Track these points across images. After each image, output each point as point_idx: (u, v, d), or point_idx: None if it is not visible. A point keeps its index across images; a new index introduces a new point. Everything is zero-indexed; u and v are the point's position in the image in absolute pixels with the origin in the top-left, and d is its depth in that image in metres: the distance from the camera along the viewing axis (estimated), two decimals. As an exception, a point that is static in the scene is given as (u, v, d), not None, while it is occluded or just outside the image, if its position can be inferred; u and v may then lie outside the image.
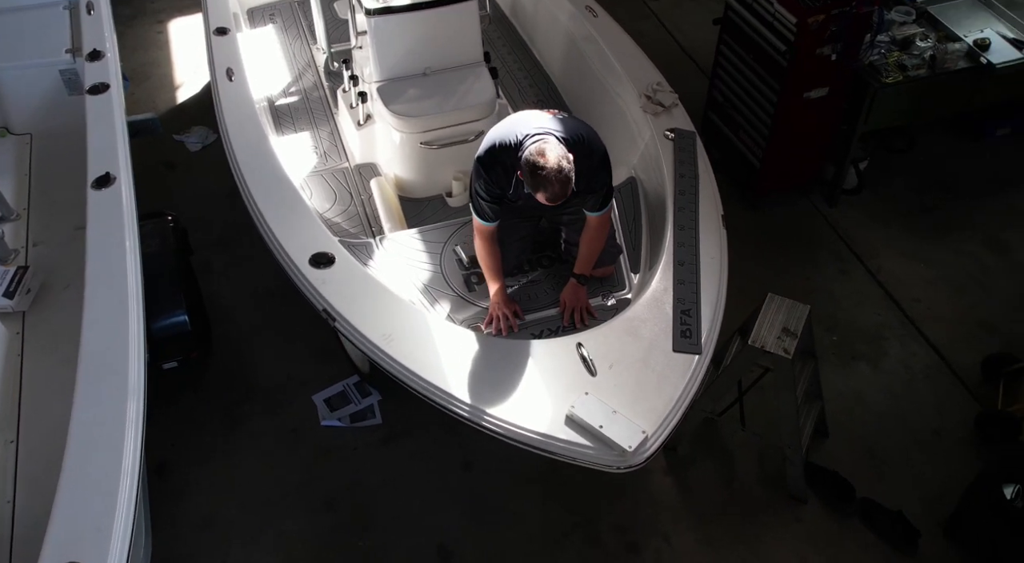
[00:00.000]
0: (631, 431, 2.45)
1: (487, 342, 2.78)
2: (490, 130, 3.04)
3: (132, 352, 2.51)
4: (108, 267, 2.75)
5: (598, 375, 2.62)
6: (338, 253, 3.02)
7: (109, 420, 2.33)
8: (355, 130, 4.09)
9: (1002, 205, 4.90)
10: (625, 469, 2.49)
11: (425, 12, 3.77)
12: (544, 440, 2.49)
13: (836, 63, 4.16)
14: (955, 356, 4.16)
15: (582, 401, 2.53)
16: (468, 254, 3.32)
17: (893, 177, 5.02)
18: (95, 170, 3.10)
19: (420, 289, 3.19)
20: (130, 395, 2.39)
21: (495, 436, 2.56)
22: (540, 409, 2.56)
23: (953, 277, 4.53)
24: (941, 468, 3.76)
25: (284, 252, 3.04)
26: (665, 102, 3.57)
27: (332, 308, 2.86)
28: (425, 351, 2.72)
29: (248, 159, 3.41)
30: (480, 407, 2.56)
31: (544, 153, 2.67)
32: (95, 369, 2.46)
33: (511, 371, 2.66)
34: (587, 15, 4.22)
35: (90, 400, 2.38)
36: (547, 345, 2.74)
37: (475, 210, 3.04)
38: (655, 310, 2.82)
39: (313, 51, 4.89)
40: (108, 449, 2.26)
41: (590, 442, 2.46)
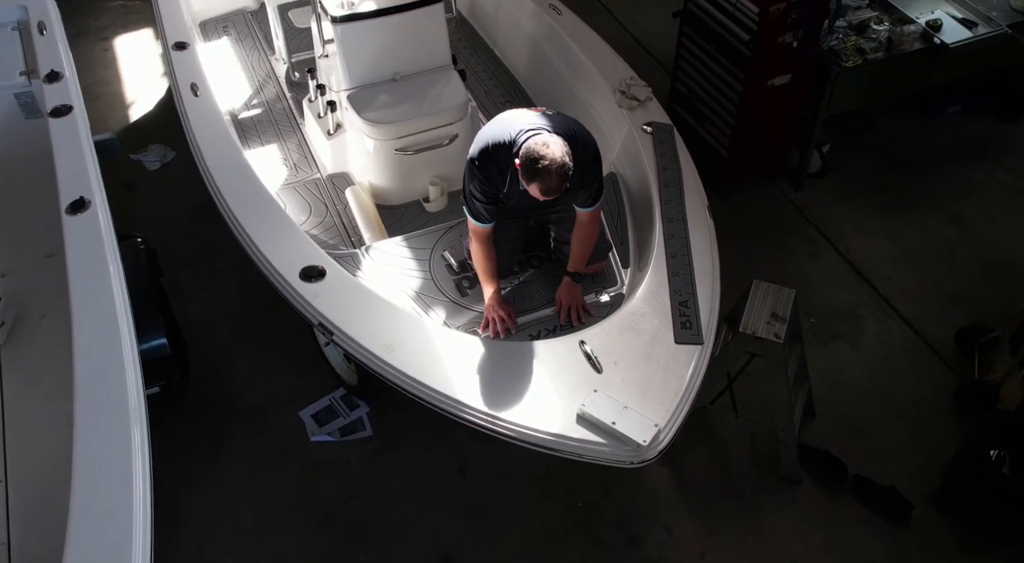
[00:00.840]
0: (643, 425, 2.46)
1: (490, 346, 2.76)
2: (480, 131, 3.02)
3: (129, 377, 2.43)
4: (94, 293, 2.66)
5: (604, 372, 2.63)
6: (328, 265, 2.97)
7: (114, 449, 2.26)
8: (325, 140, 4.03)
9: (957, 180, 5.04)
10: (638, 464, 2.50)
11: (392, 17, 3.74)
12: (558, 440, 2.49)
13: (797, 50, 4.23)
14: (929, 329, 4.26)
15: (592, 399, 2.52)
16: (457, 259, 3.30)
17: (853, 159, 5.13)
18: (68, 195, 3.00)
19: (412, 297, 3.16)
20: (132, 421, 2.32)
21: (507, 440, 2.54)
22: (550, 410, 2.55)
23: (918, 253, 4.65)
24: (925, 439, 3.85)
25: (272, 268, 2.98)
26: (640, 96, 3.59)
27: (328, 322, 2.81)
28: (428, 359, 2.69)
29: (225, 175, 3.33)
30: (490, 412, 2.54)
31: (548, 145, 2.67)
32: (93, 398, 2.37)
33: (517, 373, 2.65)
34: (551, 13, 4.22)
35: (91, 431, 2.30)
36: (550, 345, 2.74)
37: (470, 212, 3.02)
38: (653, 303, 2.83)
39: (272, 62, 4.81)
40: (116, 480, 2.18)
41: (604, 439, 2.46)
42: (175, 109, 5.47)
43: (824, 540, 3.56)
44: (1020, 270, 4.51)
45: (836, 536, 3.57)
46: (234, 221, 3.17)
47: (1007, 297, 4.35)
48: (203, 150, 3.45)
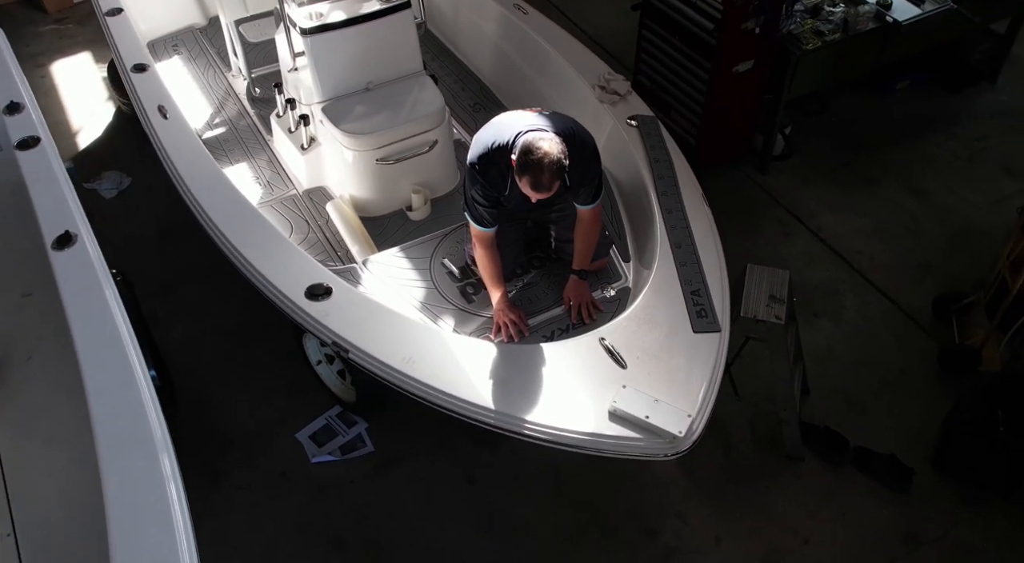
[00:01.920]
0: (677, 416, 2.47)
1: (510, 350, 2.74)
2: (477, 135, 3.00)
3: (149, 410, 2.34)
4: (98, 328, 2.55)
5: (629, 367, 2.63)
6: (333, 282, 2.91)
7: (147, 489, 2.17)
8: (299, 155, 3.95)
9: (912, 153, 5.20)
10: (673, 455, 2.51)
11: (362, 26, 3.69)
12: (593, 439, 2.48)
13: (759, 36, 4.31)
14: (905, 299, 4.39)
15: (622, 394, 2.53)
16: (458, 265, 3.26)
17: (813, 139, 5.25)
18: (51, 230, 2.87)
19: (418, 308, 3.11)
20: (160, 453, 2.23)
21: (542, 444, 2.52)
22: (581, 409, 2.55)
23: (885, 226, 4.78)
24: (915, 405, 3.97)
25: (276, 290, 2.90)
26: (620, 90, 3.61)
27: (343, 340, 2.75)
28: (450, 368, 2.65)
29: (211, 199, 3.24)
30: (520, 417, 2.52)
31: (542, 140, 2.67)
32: (115, 438, 2.27)
33: (542, 376, 2.64)
34: (517, 13, 4.21)
35: (120, 473, 2.20)
36: (571, 344, 2.73)
37: (473, 217, 2.99)
38: (665, 295, 2.85)
39: (229, 79, 4.69)
40: (156, 520, 2.09)
41: (639, 434, 2.47)
42: (126, 134, 5.37)
43: (832, 513, 3.63)
44: (982, 236, 4.68)
45: (843, 508, 3.64)
46: (228, 245, 3.08)
47: (974, 262, 4.51)
48: (183, 174, 3.35)
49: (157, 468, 2.21)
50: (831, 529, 3.58)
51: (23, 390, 3.00)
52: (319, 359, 3.85)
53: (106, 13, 4.34)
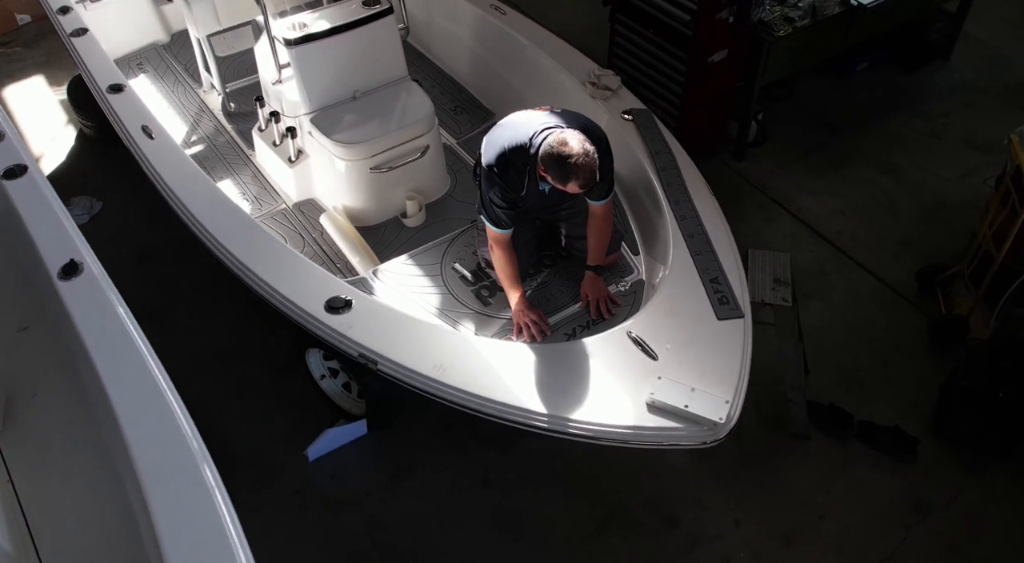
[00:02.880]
0: (715, 403, 2.50)
1: (540, 351, 2.74)
2: (489, 137, 2.99)
3: (187, 434, 2.29)
4: (122, 358, 2.48)
5: (660, 358, 2.65)
6: (351, 294, 2.87)
7: (200, 521, 2.11)
8: (286, 168, 3.89)
9: (880, 132, 5.34)
10: (712, 442, 2.53)
11: (346, 34, 3.65)
12: (634, 433, 2.49)
13: (733, 25, 4.37)
14: (889, 275, 4.50)
15: (658, 386, 2.54)
16: (469, 269, 3.25)
17: (783, 125, 5.35)
18: (54, 260, 2.77)
19: (435, 314, 3.09)
20: (210, 488, 2.18)
21: (583, 440, 2.53)
22: (618, 403, 2.56)
23: (862, 205, 4.90)
24: (911, 377, 4.07)
25: (295, 306, 2.85)
26: (611, 85, 3.63)
27: (370, 351, 2.71)
28: (483, 372, 2.64)
29: (212, 217, 3.17)
30: (561, 416, 2.52)
31: (567, 142, 2.67)
32: (159, 470, 2.21)
33: (575, 373, 2.64)
34: (496, 14, 4.21)
35: (171, 508, 2.14)
36: (600, 340, 2.74)
37: (491, 220, 2.97)
38: (685, 285, 2.88)
39: (201, 95, 4.59)
40: (216, 553, 2.05)
41: (680, 424, 2.49)
42: (92, 158, 5.22)
43: (843, 488, 3.71)
44: (956, 209, 4.83)
45: (853, 482, 3.72)
46: (237, 264, 3.02)
47: (950, 235, 4.66)
48: (180, 195, 3.26)
49: (211, 503, 2.16)
50: (844, 503, 3.65)
51: (33, 427, 2.90)
52: (322, 374, 3.80)
53: (71, 34, 4.21)
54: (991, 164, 5.08)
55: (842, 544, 3.52)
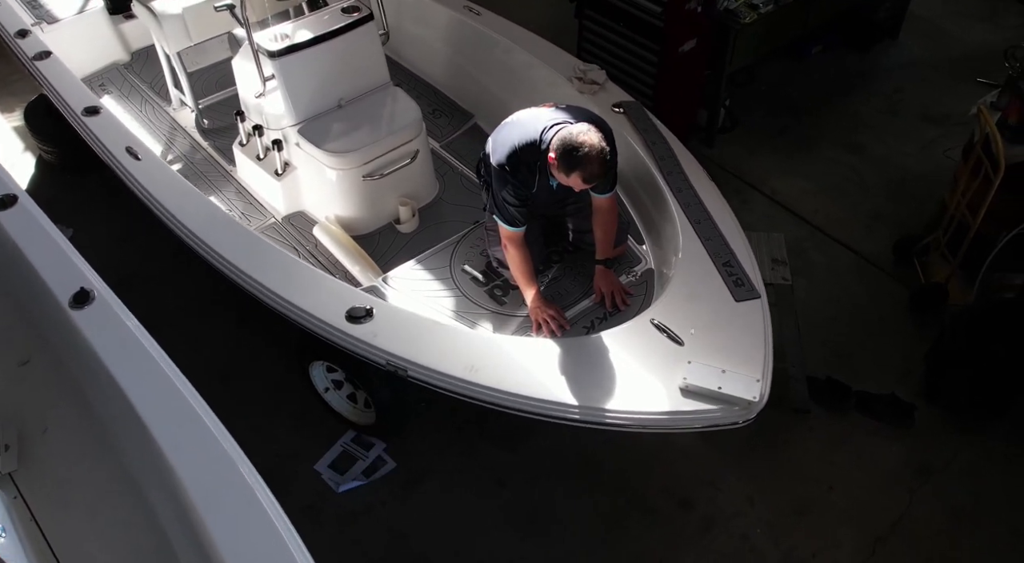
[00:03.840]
0: (747, 383, 2.55)
1: (567, 345, 2.76)
2: (496, 137, 3.00)
3: (236, 456, 2.26)
4: (152, 383, 2.42)
5: (685, 343, 2.70)
6: (371, 302, 2.85)
7: (259, 538, 2.09)
8: (273, 181, 3.84)
9: (841, 111, 5.51)
10: (744, 423, 2.59)
11: (329, 43, 3.61)
12: (671, 418, 2.54)
13: (701, 15, 4.46)
14: (866, 249, 4.65)
15: (689, 370, 2.59)
16: (479, 270, 3.25)
17: (747, 110, 5.47)
18: (63, 290, 2.70)
19: (452, 317, 3.09)
20: (269, 510, 2.16)
21: (620, 430, 2.56)
22: (652, 390, 2.60)
23: (832, 183, 5.04)
24: (898, 345, 4.21)
25: (316, 319, 2.82)
26: (598, 80, 3.67)
27: (399, 358, 2.70)
28: (515, 371, 2.65)
29: (216, 235, 3.11)
30: (597, 407, 2.55)
31: (584, 133, 2.70)
32: (213, 499, 2.17)
33: (605, 365, 2.67)
34: (471, 15, 4.22)
35: (230, 528, 2.11)
36: (625, 330, 2.77)
37: (505, 219, 2.98)
38: (699, 271, 2.93)
39: (171, 113, 4.50)
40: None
41: (715, 406, 2.54)
42: (55, 184, 5.07)
43: (847, 458, 3.82)
44: (920, 181, 5.00)
45: (856, 451, 3.84)
46: (248, 280, 2.97)
47: (918, 206, 4.82)
48: (177, 214, 3.20)
49: (272, 528, 2.14)
50: (850, 472, 3.76)
51: (49, 464, 2.83)
52: (326, 386, 3.76)
53: (33, 58, 4.09)
54: (948, 136, 5.29)
55: (852, 512, 3.63)
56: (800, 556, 3.51)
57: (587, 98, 3.65)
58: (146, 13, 4.03)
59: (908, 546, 3.51)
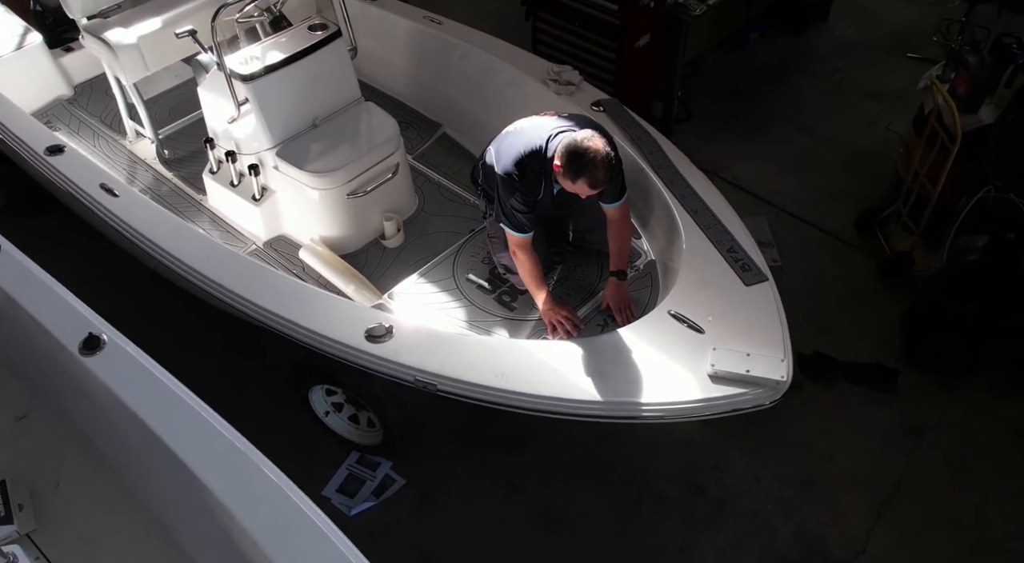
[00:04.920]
0: (773, 364, 2.63)
1: (590, 344, 2.78)
2: (499, 146, 3.00)
3: (293, 493, 2.21)
4: (187, 422, 2.35)
5: (706, 331, 2.75)
6: (388, 320, 2.82)
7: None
8: (251, 207, 3.75)
9: (787, 94, 5.69)
10: (771, 403, 2.66)
11: (300, 62, 3.56)
12: (705, 404, 2.59)
13: (653, 10, 4.55)
14: (830, 225, 4.81)
15: (716, 356, 2.65)
16: (484, 278, 3.25)
17: (696, 100, 5.59)
18: (70, 337, 2.59)
19: (464, 327, 3.08)
20: (328, 531, 2.12)
21: (659, 422, 2.60)
22: (682, 380, 2.64)
23: (788, 164, 5.20)
24: (873, 315, 4.37)
25: (336, 342, 2.77)
26: (573, 80, 3.71)
27: (426, 373, 2.68)
28: (544, 374, 2.66)
29: (215, 267, 3.03)
30: (632, 402, 2.59)
31: (589, 139, 2.73)
32: (277, 537, 2.12)
33: (631, 360, 2.71)
34: (432, 25, 4.21)
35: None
36: (646, 323, 2.81)
37: (514, 226, 2.99)
38: (705, 259, 3.00)
39: (128, 146, 4.36)
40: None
41: (745, 389, 2.61)
42: (10, 230, 4.82)
43: (842, 427, 3.95)
44: (870, 156, 5.20)
45: (850, 420, 3.97)
46: (260, 311, 2.90)
47: (871, 180, 5.01)
48: (172, 251, 3.10)
49: (320, 532, 2.10)
50: (846, 440, 3.89)
51: (68, 519, 2.72)
52: (326, 410, 3.71)
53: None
54: (889, 111, 5.52)
55: (855, 478, 3.76)
56: (811, 527, 3.62)
57: (564, 99, 3.68)
58: (98, 45, 3.89)
59: (912, 505, 3.65)
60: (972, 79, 4.01)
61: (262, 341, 3.90)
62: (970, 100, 4.06)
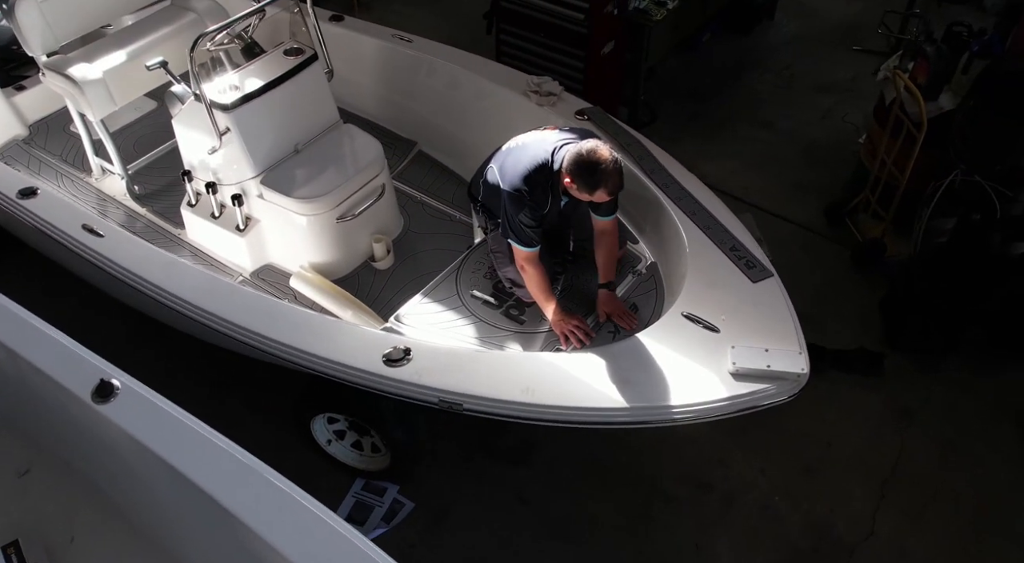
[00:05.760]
0: (792, 357, 2.68)
1: (609, 351, 2.79)
2: (502, 163, 3.00)
3: (331, 521, 2.17)
4: (220, 464, 2.28)
5: (721, 330, 2.79)
6: (404, 342, 2.79)
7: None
8: (236, 238, 3.67)
9: (743, 92, 5.82)
10: (791, 397, 2.71)
11: (279, 88, 3.51)
12: (732, 402, 2.62)
13: (617, 17, 4.61)
14: (800, 217, 4.93)
15: (735, 354, 2.68)
16: (489, 292, 3.24)
17: (656, 103, 5.67)
18: (80, 386, 2.48)
19: (476, 344, 3.06)
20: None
21: (689, 423, 2.62)
22: (706, 380, 2.67)
23: (752, 160, 5.31)
24: (852, 302, 4.49)
25: (354, 369, 2.72)
26: (554, 90, 3.73)
27: (451, 393, 2.65)
28: (569, 385, 2.66)
29: (222, 304, 2.95)
30: (660, 406, 2.60)
31: (596, 149, 2.75)
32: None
33: (654, 364, 2.72)
34: (403, 44, 4.19)
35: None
36: (661, 327, 2.83)
37: (521, 241, 2.99)
38: (709, 259, 3.04)
39: (95, 184, 4.23)
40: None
41: (768, 383, 2.65)
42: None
43: (836, 414, 4.04)
44: (828, 147, 5.36)
45: (843, 406, 4.07)
46: (271, 344, 2.83)
47: (833, 171, 5.17)
48: (172, 289, 3.00)
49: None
50: (842, 426, 3.98)
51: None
52: (329, 439, 3.65)
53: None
54: (841, 103, 5.69)
55: (855, 462, 3.85)
56: (819, 514, 3.69)
57: (548, 110, 3.69)
58: (61, 81, 3.77)
59: (912, 484, 3.76)
60: (931, 68, 4.16)
61: (257, 374, 3.84)
62: (930, 88, 4.20)
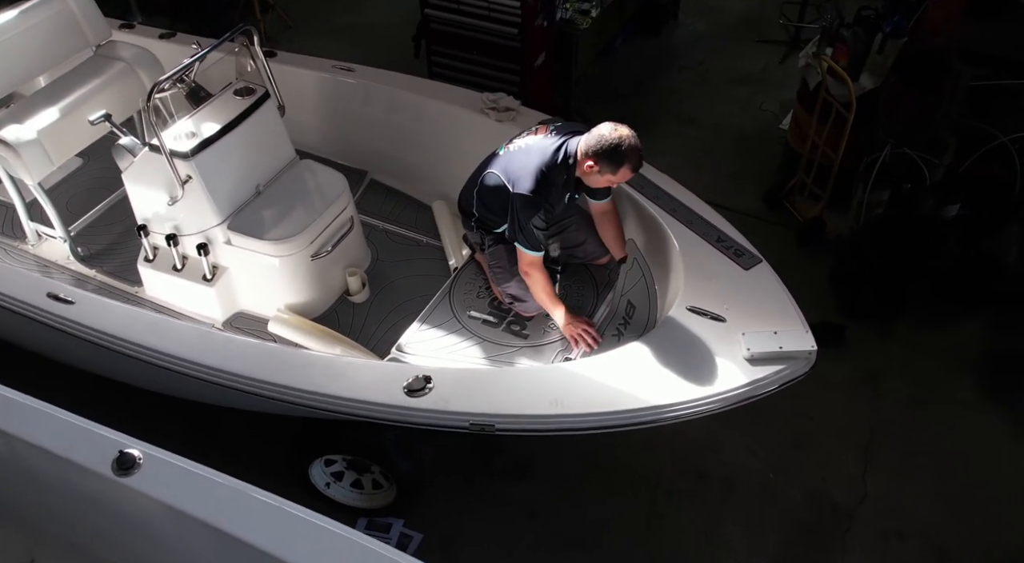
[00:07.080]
0: (800, 336, 2.78)
1: (622, 353, 2.82)
2: (506, 169, 3.04)
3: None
4: (267, 518, 2.19)
5: (727, 319, 2.87)
6: (421, 371, 2.74)
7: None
8: (204, 288, 3.54)
9: (664, 92, 6.00)
10: (803, 376, 2.82)
11: (236, 130, 3.41)
12: (752, 387, 2.69)
13: (547, 29, 4.69)
14: (741, 206, 5.10)
15: (748, 340, 2.76)
16: (486, 311, 3.23)
17: (585, 108, 5.78)
18: (98, 462, 2.35)
19: (485, 364, 3.04)
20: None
21: (715, 413, 2.68)
22: (724, 368, 2.73)
23: (685, 155, 5.48)
24: (804, 280, 4.63)
25: (378, 405, 2.66)
26: (512, 105, 3.75)
27: (481, 416, 2.63)
28: (594, 392, 2.68)
29: (223, 357, 2.83)
30: (687, 400, 2.65)
31: (612, 131, 2.88)
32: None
33: (671, 360, 2.77)
34: (344, 73, 4.13)
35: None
36: (669, 323, 2.88)
37: (530, 246, 3.00)
38: (698, 253, 3.12)
39: (32, 250, 3.99)
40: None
41: (783, 364, 2.73)
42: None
43: (810, 388, 3.97)
44: (753, 136, 5.59)
45: (815, 379, 4.01)
46: (292, 392, 2.73)
47: (763, 158, 5.38)
48: (163, 348, 2.87)
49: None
50: (819, 399, 4.13)
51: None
52: (327, 482, 3.55)
53: None
54: (756, 92, 5.95)
55: (839, 430, 4.02)
56: (814, 484, 3.83)
57: (508, 125, 3.72)
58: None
59: (892, 444, 3.95)
60: (851, 51, 4.40)
61: (232, 425, 3.72)
62: (850, 70, 4.44)
